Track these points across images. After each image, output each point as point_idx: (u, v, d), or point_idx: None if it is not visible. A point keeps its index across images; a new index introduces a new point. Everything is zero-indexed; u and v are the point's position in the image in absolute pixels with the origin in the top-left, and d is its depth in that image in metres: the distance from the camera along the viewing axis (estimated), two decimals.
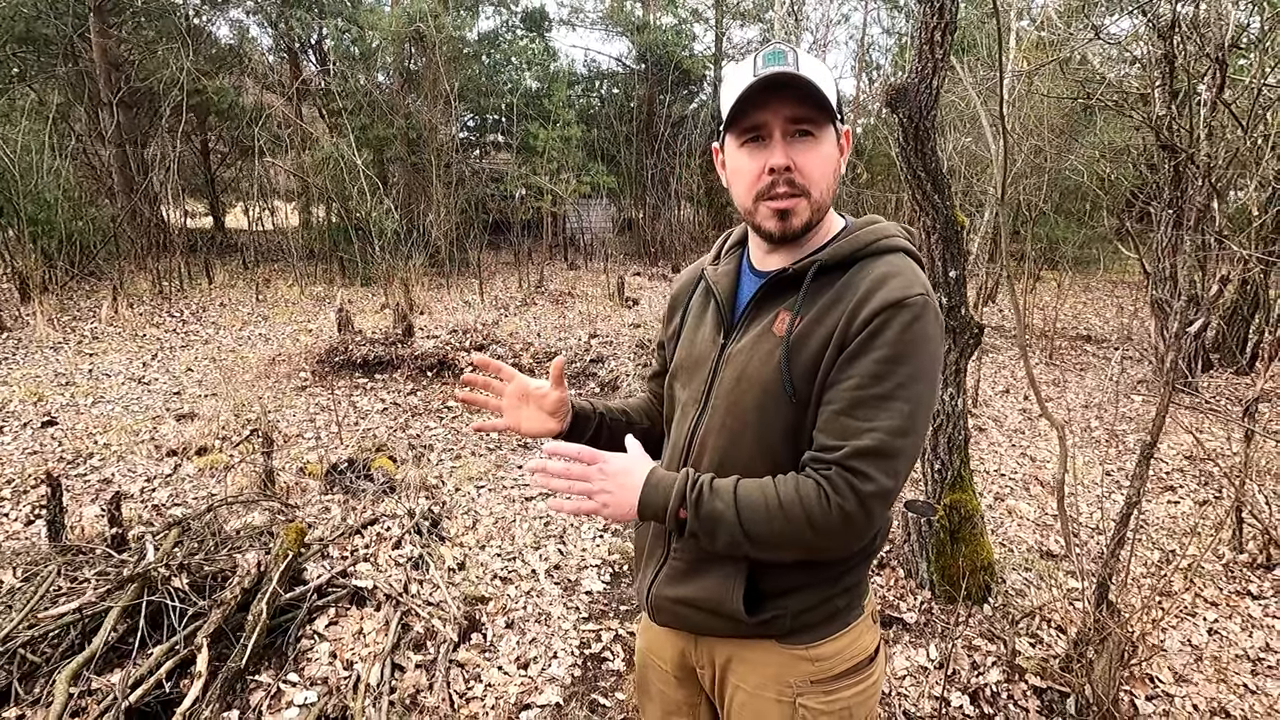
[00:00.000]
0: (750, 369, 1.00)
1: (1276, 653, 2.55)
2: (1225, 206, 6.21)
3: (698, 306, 1.15)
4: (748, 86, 0.91)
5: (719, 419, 1.03)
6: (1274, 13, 5.94)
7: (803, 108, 0.92)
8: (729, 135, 0.98)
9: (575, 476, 0.95)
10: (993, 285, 10.07)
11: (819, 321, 0.95)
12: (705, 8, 17.81)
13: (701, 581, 1.05)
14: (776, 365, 0.97)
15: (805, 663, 1.04)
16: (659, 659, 1.21)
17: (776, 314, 1.00)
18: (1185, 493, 4.01)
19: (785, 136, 0.93)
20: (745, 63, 0.95)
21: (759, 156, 0.94)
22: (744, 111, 0.93)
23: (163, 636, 2.18)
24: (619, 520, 0.95)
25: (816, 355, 0.95)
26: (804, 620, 1.03)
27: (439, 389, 5.70)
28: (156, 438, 4.46)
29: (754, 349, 1.00)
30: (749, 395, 0.99)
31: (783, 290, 1.01)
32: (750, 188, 0.96)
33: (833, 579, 1.04)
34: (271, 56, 14.98)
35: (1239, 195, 7.62)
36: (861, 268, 0.97)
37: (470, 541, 3.28)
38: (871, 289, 0.93)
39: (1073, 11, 8.83)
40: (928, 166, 2.47)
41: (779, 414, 0.97)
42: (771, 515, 0.90)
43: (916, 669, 2.41)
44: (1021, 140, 8.36)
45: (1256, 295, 6.80)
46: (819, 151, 0.95)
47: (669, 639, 1.18)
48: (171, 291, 9.43)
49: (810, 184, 0.94)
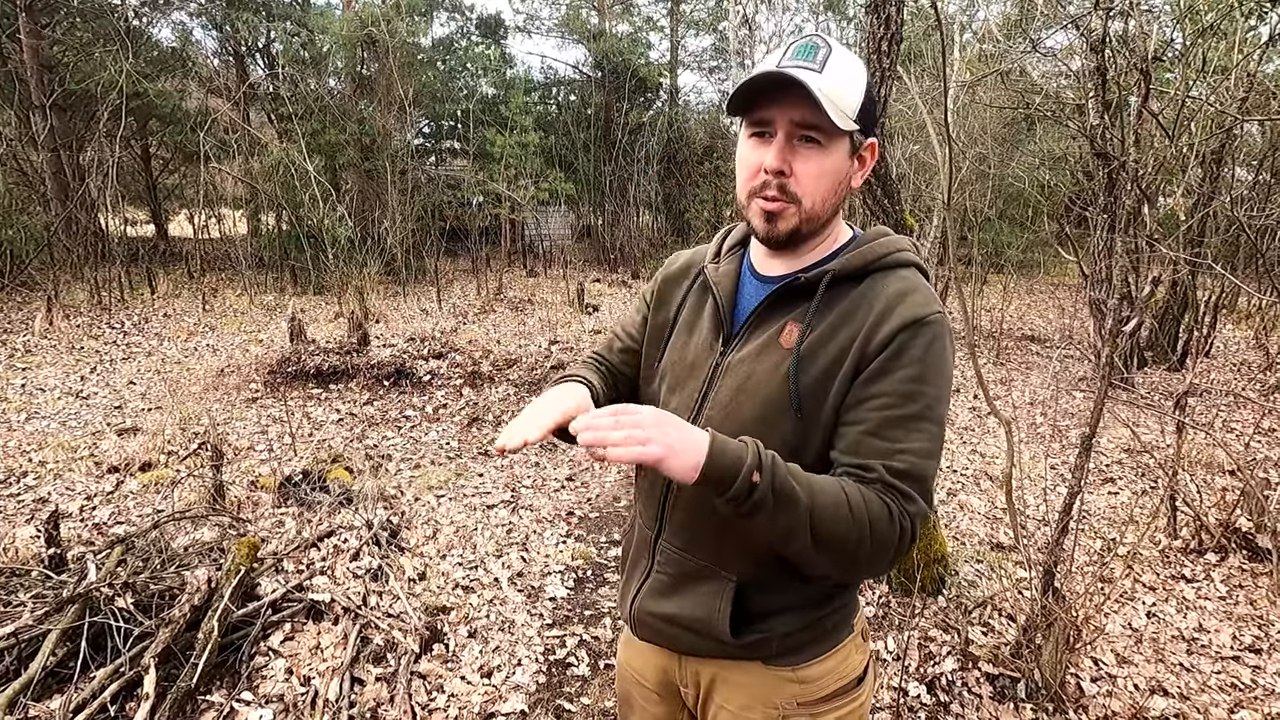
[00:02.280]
0: (753, 382, 0.94)
1: (1208, 632, 2.69)
2: (1155, 211, 6.55)
3: (693, 305, 1.07)
4: (760, 75, 0.86)
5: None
6: (1195, 29, 6.30)
7: (811, 114, 0.86)
8: (745, 120, 0.93)
9: (629, 425, 0.79)
10: (942, 288, 10.38)
11: (830, 336, 0.91)
12: (660, 17, 18.00)
13: (686, 598, 1.00)
14: (783, 379, 0.91)
15: (792, 684, 1.00)
16: (640, 675, 1.16)
17: (784, 325, 0.95)
18: (1124, 483, 4.20)
19: (789, 139, 0.88)
20: (776, 50, 0.90)
21: (759, 151, 0.90)
22: (751, 102, 0.89)
23: (106, 659, 2.09)
24: (680, 476, 0.79)
25: (827, 371, 0.90)
26: (791, 642, 0.98)
27: (396, 398, 5.60)
28: (96, 454, 4.28)
29: (758, 360, 0.95)
30: (749, 408, 0.94)
31: (792, 300, 0.96)
32: (746, 181, 0.92)
33: (824, 600, 0.99)
34: (217, 60, 14.54)
35: (1167, 201, 8.03)
36: (875, 281, 0.93)
37: (431, 551, 3.23)
38: (890, 305, 0.89)
39: (1012, 26, 9.20)
40: (877, 172, 2.55)
41: (780, 429, 0.91)
42: (840, 513, 0.81)
43: (876, 661, 2.47)
44: (966, 148, 8.67)
45: (1185, 295, 7.18)
46: (821, 162, 0.89)
47: (651, 656, 1.13)
48: (111, 302, 9.05)
49: (803, 193, 0.90)
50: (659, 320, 1.12)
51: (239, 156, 11.92)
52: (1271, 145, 8.11)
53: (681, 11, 17.61)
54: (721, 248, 1.10)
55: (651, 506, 1.07)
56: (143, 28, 12.93)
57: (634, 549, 1.12)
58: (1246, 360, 7.51)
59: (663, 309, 1.12)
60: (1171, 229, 6.82)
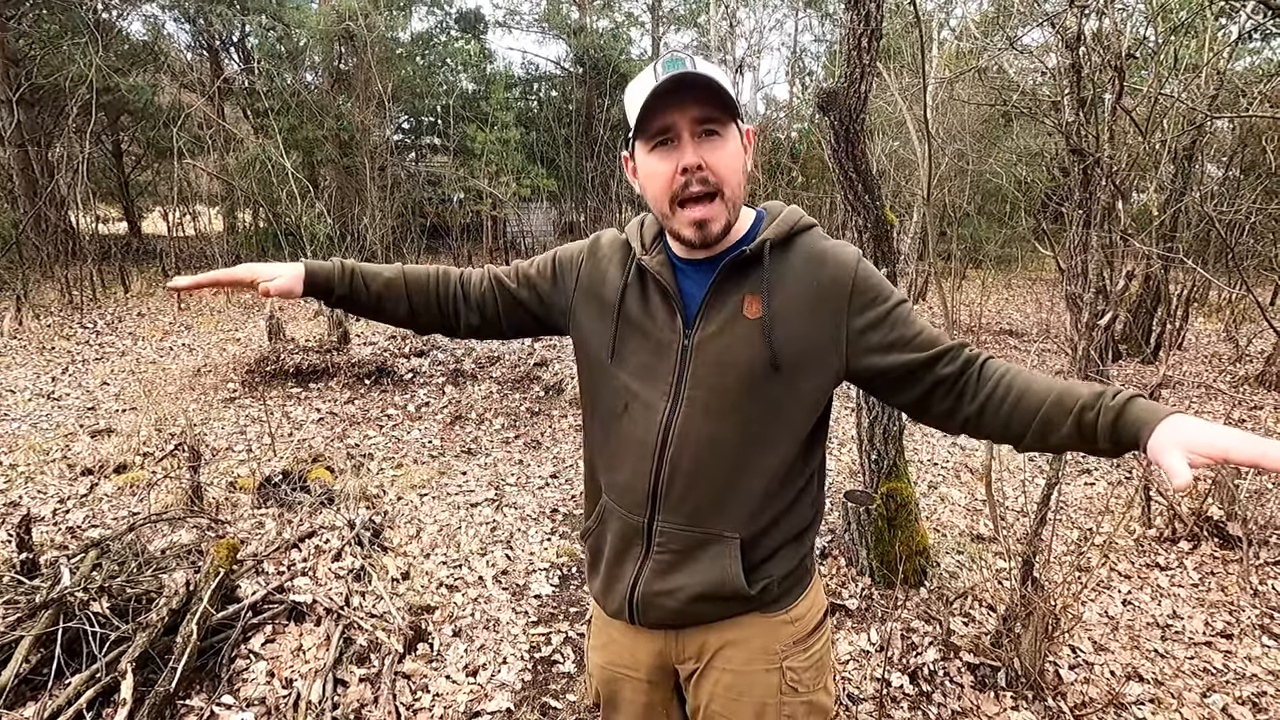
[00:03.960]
0: (731, 354, 1.00)
1: (1182, 619, 2.75)
2: (1129, 207, 6.66)
3: (636, 296, 1.08)
4: (654, 90, 0.92)
5: (699, 407, 1.01)
6: (1167, 27, 6.41)
7: (708, 108, 0.94)
8: (638, 141, 0.99)
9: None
10: (922, 283, 10.50)
11: (793, 296, 1.01)
12: (641, 12, 17.95)
13: (695, 567, 1.05)
14: (761, 345, 0.99)
15: (787, 626, 1.09)
16: (629, 668, 1.16)
17: (742, 298, 1.01)
18: (1100, 474, 4.27)
19: (693, 137, 0.95)
20: (646, 72, 0.96)
21: (670, 158, 0.96)
22: (652, 115, 0.95)
23: (82, 665, 2.05)
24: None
25: (803, 327, 1.00)
26: (786, 584, 1.08)
27: (378, 396, 5.55)
28: (69, 456, 4.19)
29: (730, 334, 1.01)
30: (733, 378, 1.00)
31: (740, 272, 1.03)
32: (665, 190, 0.97)
33: (801, 535, 1.10)
34: (190, 54, 14.27)
35: (1141, 197, 8.18)
36: (800, 243, 1.05)
37: (414, 550, 3.21)
38: (832, 257, 1.03)
39: (989, 23, 9.30)
40: (858, 168, 2.57)
41: (763, 392, 1.00)
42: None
43: (859, 653, 2.49)
44: (945, 144, 8.75)
45: (1159, 290, 7.32)
46: (726, 149, 0.97)
47: (643, 643, 1.14)
48: (83, 301, 8.86)
49: (722, 182, 0.96)
50: (592, 297, 1.12)
51: (214, 152, 11.72)
52: (1241, 142, 8.29)
53: (662, 7, 17.58)
54: (647, 242, 1.11)
55: (635, 494, 1.07)
56: (113, 20, 12.63)
57: (615, 540, 1.12)
58: (1218, 353, 7.67)
59: (596, 288, 1.12)
60: (1145, 224, 6.94)
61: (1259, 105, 6.38)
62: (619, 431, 1.08)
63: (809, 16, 17.45)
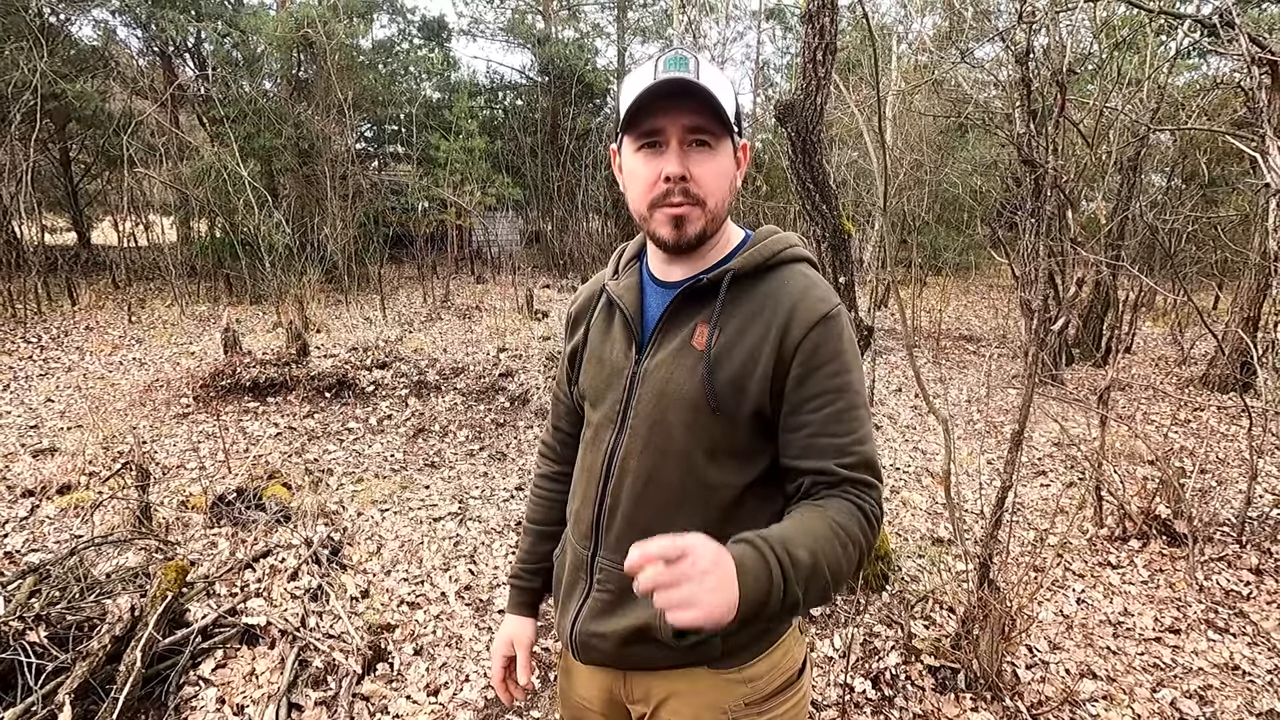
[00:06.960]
0: (672, 386, 0.96)
1: (1133, 615, 2.83)
2: (1078, 216, 6.89)
3: (600, 323, 1.08)
4: (646, 90, 0.89)
5: (640, 439, 0.98)
6: (1110, 42, 6.67)
7: (701, 118, 0.90)
8: (626, 137, 0.95)
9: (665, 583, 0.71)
10: (883, 291, 10.69)
11: (741, 334, 0.94)
12: (607, 23, 18.04)
13: (629, 611, 0.99)
14: (701, 380, 0.94)
15: (739, 685, 1.00)
16: (585, 700, 1.14)
17: (694, 326, 0.97)
18: (1054, 476, 4.39)
19: (682, 145, 0.91)
20: (647, 65, 0.92)
21: (655, 163, 0.92)
22: (642, 116, 0.91)
23: (17, 699, 1.95)
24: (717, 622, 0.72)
25: (743, 368, 0.93)
26: (734, 642, 0.98)
27: (338, 410, 5.43)
28: (9, 477, 4.01)
29: (674, 363, 0.97)
30: (673, 412, 0.95)
31: (697, 301, 0.98)
32: (645, 193, 0.94)
33: None
34: (142, 60, 13.86)
35: (1090, 206, 8.47)
36: (773, 277, 0.98)
37: (374, 567, 3.14)
38: (796, 303, 0.94)
39: (944, 37, 9.55)
40: (815, 178, 2.60)
41: (704, 430, 0.94)
42: (844, 549, 0.84)
43: (823, 659, 2.51)
44: (903, 155, 8.95)
45: (1108, 295, 7.57)
46: (715, 163, 0.93)
47: (594, 678, 1.11)
48: (27, 315, 8.52)
49: (705, 194, 0.93)
50: (572, 345, 1.15)
51: (167, 161, 11.39)
52: (1181, 153, 8.64)
53: (628, 19, 17.68)
54: (619, 264, 1.12)
55: (583, 525, 1.05)
56: (59, 25, 12.22)
57: (568, 572, 1.09)
58: (1165, 355, 7.96)
59: (574, 333, 1.15)
60: (1094, 232, 7.19)
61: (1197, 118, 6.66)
62: (581, 458, 1.09)
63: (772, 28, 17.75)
